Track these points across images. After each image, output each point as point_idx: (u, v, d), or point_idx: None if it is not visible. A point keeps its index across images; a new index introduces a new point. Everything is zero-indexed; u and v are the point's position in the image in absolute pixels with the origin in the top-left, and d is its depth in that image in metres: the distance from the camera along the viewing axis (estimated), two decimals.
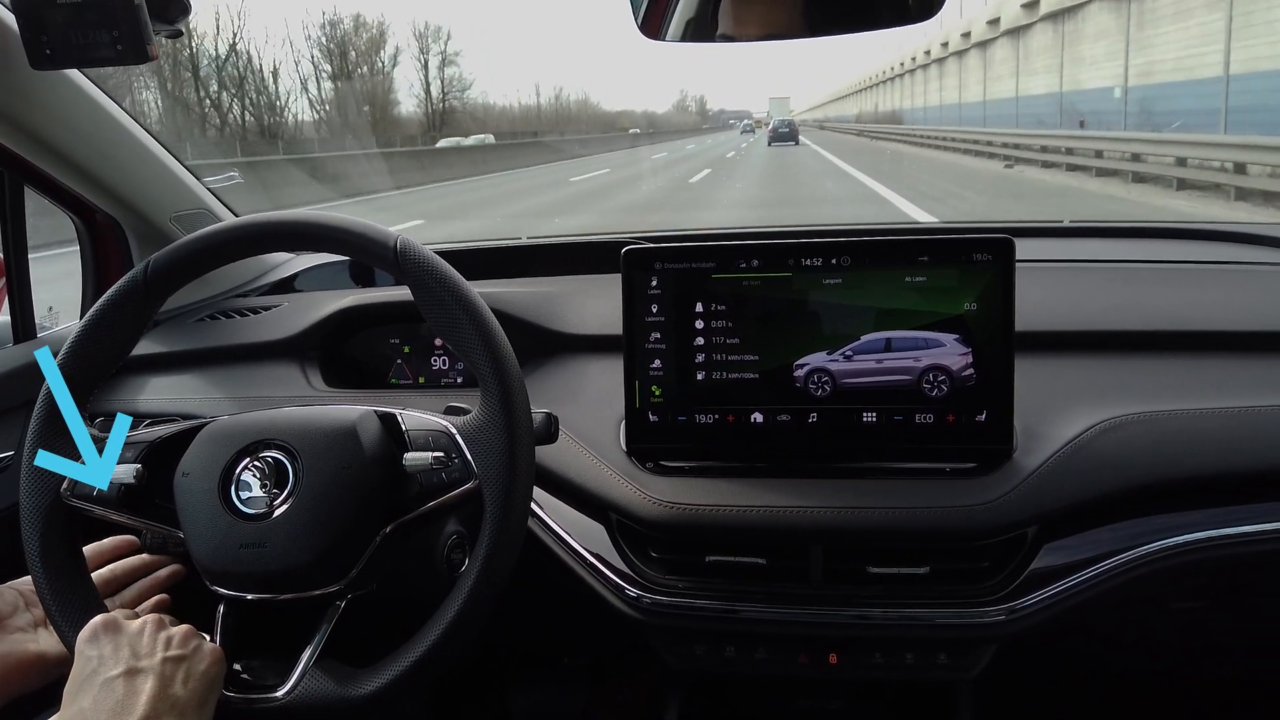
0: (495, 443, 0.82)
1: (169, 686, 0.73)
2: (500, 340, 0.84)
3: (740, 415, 1.05)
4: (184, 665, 0.75)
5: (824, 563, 0.98)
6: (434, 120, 23.39)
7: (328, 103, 23.99)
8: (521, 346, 0.92)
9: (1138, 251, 1.45)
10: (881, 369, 1.01)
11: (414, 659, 0.79)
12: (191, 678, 0.74)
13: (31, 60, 1.01)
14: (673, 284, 1.04)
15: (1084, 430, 1.00)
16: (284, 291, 1.59)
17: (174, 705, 0.72)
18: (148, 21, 0.99)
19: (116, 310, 0.88)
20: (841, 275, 1.01)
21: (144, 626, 0.77)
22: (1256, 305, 1.18)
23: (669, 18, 0.90)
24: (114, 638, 0.75)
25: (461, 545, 0.94)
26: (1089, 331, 1.15)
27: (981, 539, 0.96)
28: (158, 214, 1.43)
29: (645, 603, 0.99)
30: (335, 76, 23.86)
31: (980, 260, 0.99)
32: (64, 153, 1.26)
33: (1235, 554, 0.96)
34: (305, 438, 0.84)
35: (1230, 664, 1.15)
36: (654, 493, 1.00)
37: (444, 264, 0.85)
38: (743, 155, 29.36)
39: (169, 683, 0.73)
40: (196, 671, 0.75)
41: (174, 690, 0.73)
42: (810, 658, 1.01)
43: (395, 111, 24.10)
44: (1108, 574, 0.95)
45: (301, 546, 0.80)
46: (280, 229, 0.90)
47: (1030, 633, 0.95)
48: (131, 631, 0.76)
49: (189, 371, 1.34)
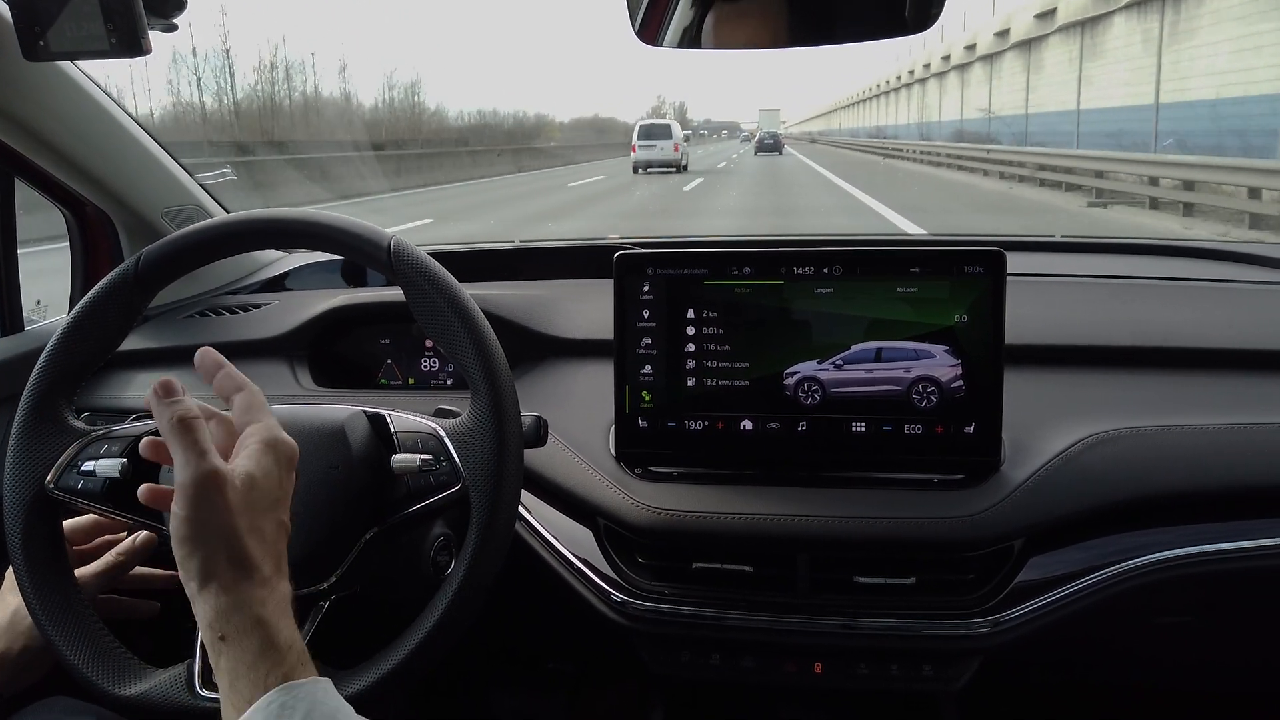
0: (484, 446, 0.81)
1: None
2: (491, 343, 0.84)
3: (730, 423, 1.04)
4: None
5: (810, 572, 0.98)
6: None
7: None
8: (512, 350, 0.91)
9: (1128, 268, 1.46)
10: (871, 379, 1.02)
11: (397, 662, 0.79)
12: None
13: (25, 51, 1.00)
14: (665, 290, 1.04)
15: (1072, 444, 1.00)
16: (274, 290, 1.58)
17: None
18: (143, 15, 0.99)
19: (106, 303, 0.87)
20: (833, 285, 1.01)
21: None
22: (1246, 323, 1.19)
23: (666, 25, 0.90)
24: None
25: (448, 548, 0.94)
26: (1079, 346, 1.15)
27: (968, 551, 0.96)
28: (149, 209, 1.42)
29: (631, 608, 0.99)
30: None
31: (971, 272, 0.99)
32: (55, 145, 1.25)
33: (1221, 570, 0.96)
34: (293, 436, 0.83)
35: (1216, 679, 1.15)
36: (642, 498, 1.00)
37: (437, 266, 0.85)
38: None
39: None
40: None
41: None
42: (796, 667, 1.01)
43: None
44: (1093, 588, 0.95)
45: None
46: (274, 226, 0.90)
47: (1016, 645, 0.95)
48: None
49: (177, 368, 1.33)
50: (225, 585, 0.64)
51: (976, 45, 32.68)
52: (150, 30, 1.01)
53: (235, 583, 0.64)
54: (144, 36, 1.00)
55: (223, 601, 0.64)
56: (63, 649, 0.78)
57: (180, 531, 0.65)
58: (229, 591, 0.64)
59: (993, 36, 30.34)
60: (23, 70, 1.11)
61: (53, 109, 1.22)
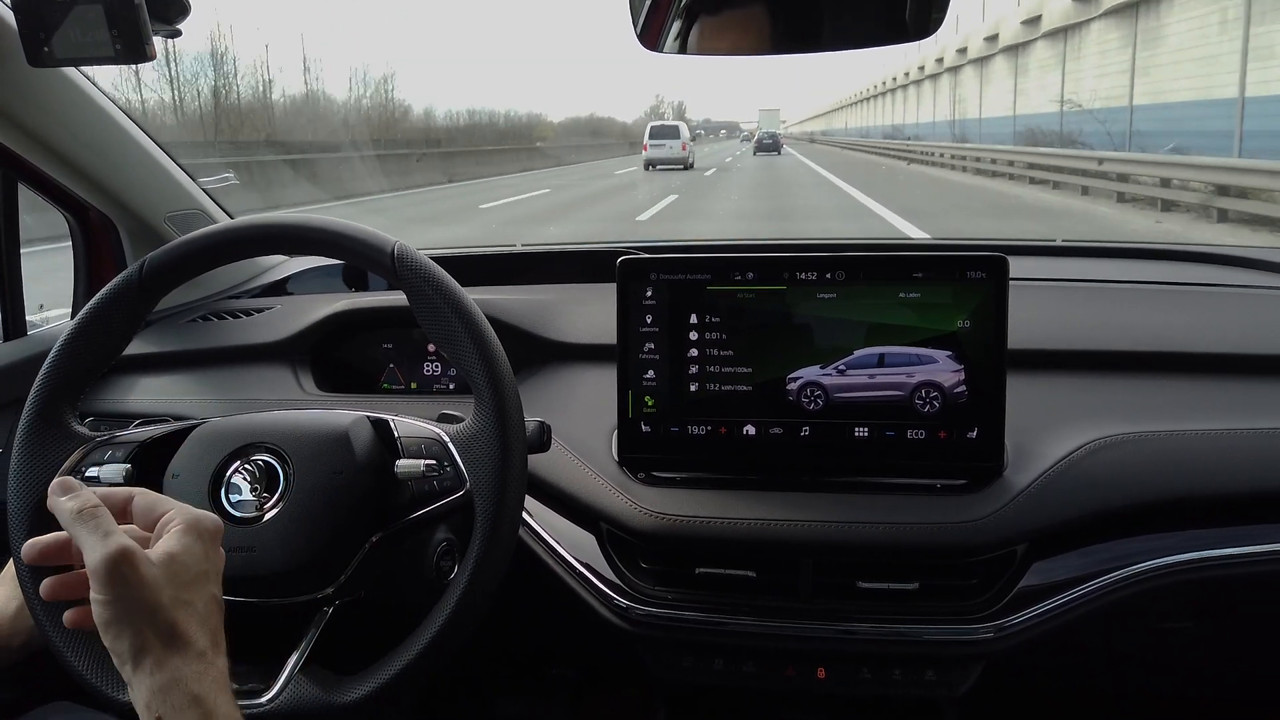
0: (487, 452, 0.81)
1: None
2: (494, 348, 0.84)
3: (732, 427, 1.04)
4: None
5: (813, 577, 0.97)
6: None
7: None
8: (515, 354, 0.92)
9: (1131, 272, 1.46)
10: (874, 384, 1.02)
11: (400, 667, 0.79)
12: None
13: (29, 57, 1.01)
14: (668, 295, 1.04)
15: (1075, 449, 1.00)
16: (277, 294, 1.58)
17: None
18: (147, 21, 0.99)
19: (110, 309, 0.88)
20: (836, 290, 1.02)
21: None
22: (1249, 328, 1.19)
23: (667, 30, 0.90)
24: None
25: (451, 553, 0.94)
26: (1081, 351, 1.15)
27: (971, 556, 0.96)
28: (152, 214, 1.42)
29: (634, 613, 0.99)
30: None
31: (974, 278, 0.99)
32: (60, 150, 1.25)
33: (1224, 575, 0.96)
34: (297, 442, 0.84)
35: (1219, 685, 1.15)
36: (645, 503, 1.00)
37: (440, 270, 0.85)
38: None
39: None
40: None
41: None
42: (798, 672, 1.01)
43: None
44: (1096, 593, 0.95)
45: (290, 551, 0.79)
46: (278, 232, 0.90)
47: (1018, 650, 0.95)
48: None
49: (180, 372, 1.33)
50: (159, 661, 0.63)
51: (1041, 17, 23.74)
52: (154, 36, 1.02)
53: (168, 658, 0.63)
54: (148, 42, 1.00)
55: (157, 680, 0.62)
56: (65, 654, 0.78)
57: (102, 616, 0.63)
58: (163, 668, 0.63)
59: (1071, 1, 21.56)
60: (28, 76, 1.11)
61: (57, 114, 1.22)
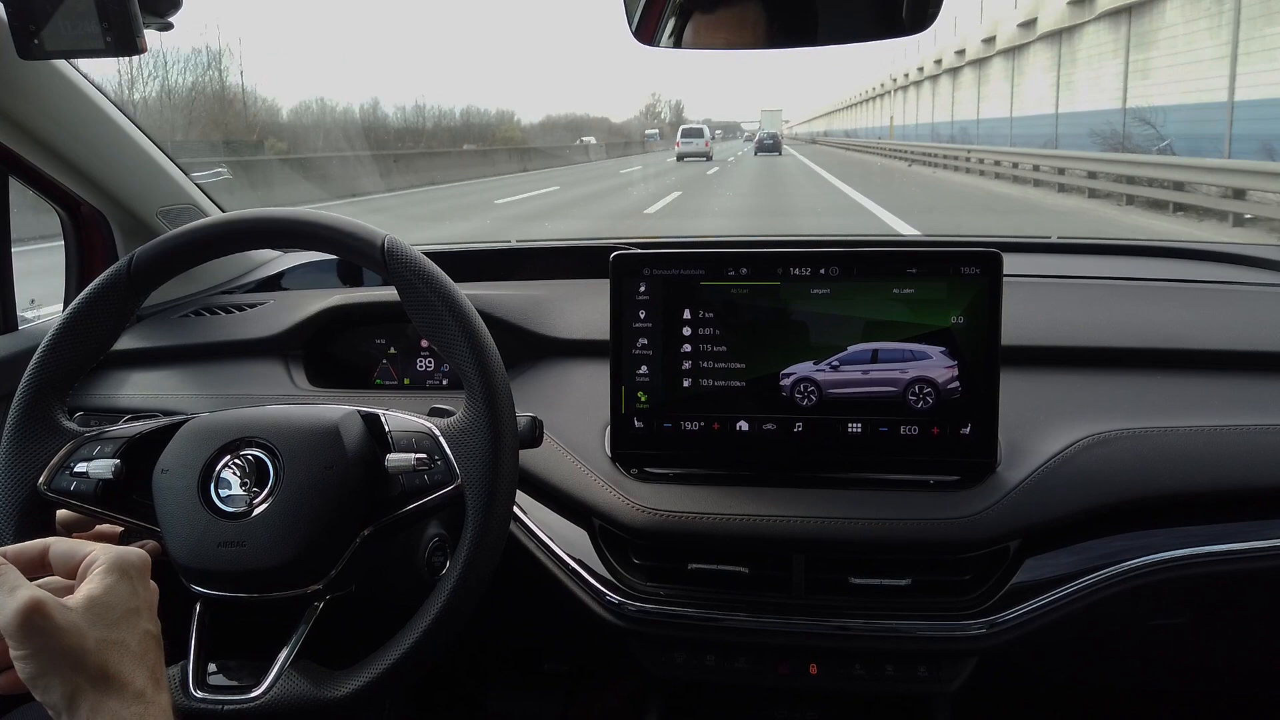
0: (479, 446, 0.81)
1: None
2: (486, 343, 0.84)
3: (726, 423, 1.04)
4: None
5: (806, 573, 0.97)
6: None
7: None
8: (508, 350, 0.91)
9: (1125, 269, 1.46)
10: (867, 380, 1.02)
11: (391, 662, 0.78)
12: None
13: (19, 50, 1.00)
14: (661, 290, 1.04)
15: (1068, 445, 1.00)
16: (270, 289, 1.58)
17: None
18: (138, 13, 0.99)
19: (99, 303, 0.87)
20: (830, 285, 1.01)
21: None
22: (1242, 324, 1.19)
23: (663, 25, 0.90)
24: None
25: (443, 548, 0.93)
26: (1075, 347, 1.15)
27: (964, 552, 0.96)
28: (144, 208, 1.42)
29: (626, 609, 0.99)
30: None
31: (968, 274, 0.99)
32: (50, 144, 1.25)
33: (1216, 571, 0.96)
34: (287, 436, 0.83)
35: (1211, 681, 1.15)
36: (638, 499, 1.00)
37: (431, 265, 0.85)
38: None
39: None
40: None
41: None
42: (791, 668, 1.01)
43: None
44: (1089, 589, 0.95)
45: (281, 546, 0.79)
46: (268, 226, 0.90)
47: (1011, 646, 0.95)
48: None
49: (171, 367, 1.32)
50: (95, 707, 0.61)
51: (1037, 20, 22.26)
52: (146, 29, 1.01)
53: (103, 701, 0.61)
54: (139, 35, 0.99)
55: None
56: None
57: (26, 671, 0.61)
58: (99, 713, 0.61)
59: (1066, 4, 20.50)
60: (17, 68, 1.11)
61: (48, 108, 1.21)
